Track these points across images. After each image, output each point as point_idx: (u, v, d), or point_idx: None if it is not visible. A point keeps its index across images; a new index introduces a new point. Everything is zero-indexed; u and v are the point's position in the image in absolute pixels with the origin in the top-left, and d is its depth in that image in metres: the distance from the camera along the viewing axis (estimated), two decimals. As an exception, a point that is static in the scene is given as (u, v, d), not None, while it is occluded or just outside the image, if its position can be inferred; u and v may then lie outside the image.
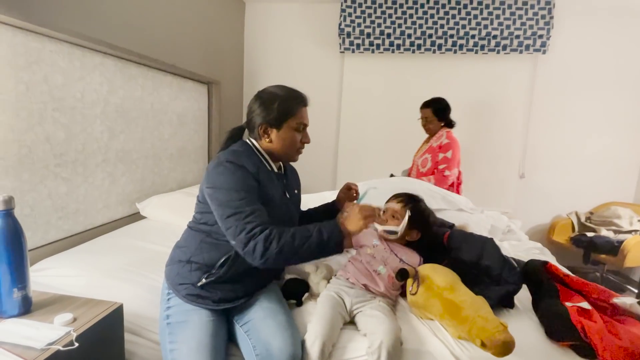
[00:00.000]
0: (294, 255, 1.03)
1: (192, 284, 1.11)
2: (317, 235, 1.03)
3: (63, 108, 1.55)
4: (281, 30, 3.37)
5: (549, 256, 1.82)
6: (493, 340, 0.95)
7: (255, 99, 1.19)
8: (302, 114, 1.19)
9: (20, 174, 1.39)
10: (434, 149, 2.53)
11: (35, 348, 0.81)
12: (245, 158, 1.11)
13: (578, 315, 1.07)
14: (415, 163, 2.67)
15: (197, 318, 1.06)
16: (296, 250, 1.01)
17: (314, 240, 1.03)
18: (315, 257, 1.07)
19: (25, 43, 1.38)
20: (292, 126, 1.16)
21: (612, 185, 3.06)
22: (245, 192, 1.05)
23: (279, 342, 1.01)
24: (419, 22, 3.01)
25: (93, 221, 1.77)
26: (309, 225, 1.06)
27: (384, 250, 1.32)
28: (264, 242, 0.99)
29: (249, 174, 1.08)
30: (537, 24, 2.87)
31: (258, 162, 1.16)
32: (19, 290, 0.95)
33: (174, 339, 1.04)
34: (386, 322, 1.10)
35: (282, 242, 1.00)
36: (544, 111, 3.07)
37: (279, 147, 1.18)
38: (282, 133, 1.16)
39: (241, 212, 1.03)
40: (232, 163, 1.08)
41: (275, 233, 1.00)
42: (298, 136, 1.19)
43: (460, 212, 2.13)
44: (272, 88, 1.20)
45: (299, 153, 1.24)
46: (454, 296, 1.11)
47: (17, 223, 0.95)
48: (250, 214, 1.02)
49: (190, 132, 2.61)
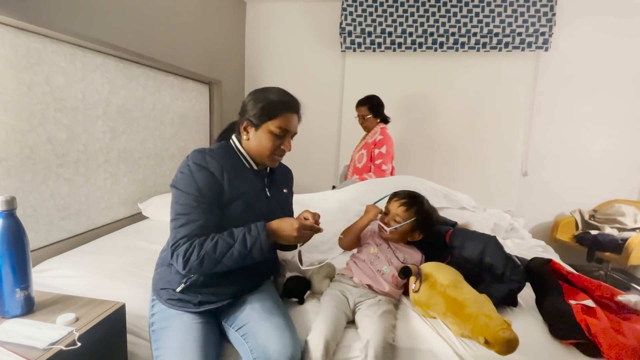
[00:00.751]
0: (216, 265, 1.02)
1: (172, 289, 1.10)
2: (240, 244, 1.02)
3: (65, 109, 1.56)
4: (282, 29, 3.37)
5: (553, 254, 1.81)
6: (497, 338, 0.94)
7: (248, 95, 1.18)
8: (287, 120, 1.14)
9: (22, 174, 1.39)
10: (369, 144, 2.59)
11: (38, 348, 0.81)
12: (211, 157, 1.10)
13: (582, 313, 1.07)
14: (353, 159, 2.71)
15: (179, 322, 1.05)
16: (218, 260, 1.02)
17: (236, 249, 1.02)
18: (240, 264, 1.05)
19: (26, 44, 1.38)
20: (271, 129, 1.13)
21: (616, 183, 3.04)
22: (195, 197, 1.05)
23: (276, 345, 1.00)
24: (420, 20, 3.00)
25: (95, 221, 1.77)
26: (237, 230, 1.05)
27: (387, 250, 1.32)
28: (184, 254, 1.00)
29: (210, 175, 1.07)
30: (539, 21, 2.85)
31: (230, 161, 1.14)
32: (21, 291, 0.95)
33: (158, 345, 1.04)
34: (376, 322, 1.10)
35: (202, 253, 1.00)
36: (547, 109, 3.06)
37: (255, 147, 1.16)
38: (260, 133, 1.14)
39: (178, 219, 1.05)
40: (195, 164, 1.08)
41: (196, 244, 1.01)
42: (276, 141, 1.14)
43: (463, 210, 2.13)
44: (269, 88, 1.19)
45: (274, 159, 1.18)
46: (457, 294, 1.10)
47: (19, 223, 0.95)
48: (184, 224, 1.03)
49: (192, 132, 2.61)
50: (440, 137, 3.23)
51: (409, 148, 3.29)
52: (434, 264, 1.25)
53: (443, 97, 3.17)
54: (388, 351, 1.04)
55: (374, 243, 1.33)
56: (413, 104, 3.23)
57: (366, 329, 1.09)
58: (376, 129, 2.61)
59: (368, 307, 1.18)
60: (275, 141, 1.15)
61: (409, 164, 3.28)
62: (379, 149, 2.55)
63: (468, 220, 1.92)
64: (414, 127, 3.26)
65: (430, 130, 3.24)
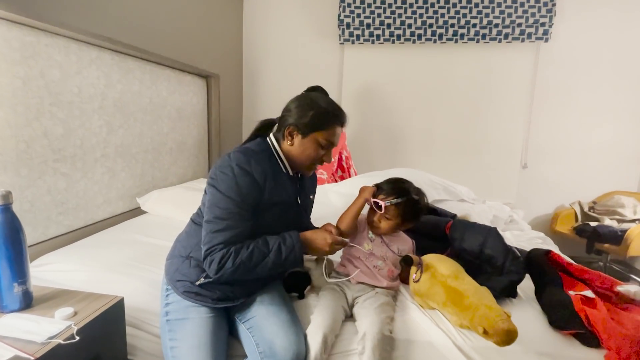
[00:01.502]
0: (250, 273, 1.04)
1: (190, 282, 1.10)
2: (275, 254, 1.04)
3: (60, 103, 1.54)
4: (280, 22, 3.34)
5: (552, 246, 1.81)
6: (496, 328, 0.94)
7: (295, 99, 1.16)
8: (334, 132, 1.14)
9: (18, 169, 1.38)
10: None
11: (36, 342, 0.81)
12: (255, 162, 1.08)
13: (582, 303, 1.06)
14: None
15: (196, 315, 1.06)
16: (252, 269, 1.03)
17: (271, 259, 1.04)
18: (273, 272, 1.08)
19: (20, 37, 1.36)
20: (318, 140, 1.12)
21: (615, 175, 3.04)
22: (236, 203, 1.04)
23: (282, 341, 1.00)
24: (419, 11, 2.97)
25: (93, 216, 1.77)
26: (272, 238, 1.07)
27: (381, 244, 1.28)
28: (219, 261, 1.01)
29: (254, 182, 1.06)
30: (539, 11, 2.82)
31: (272, 165, 1.13)
32: (19, 285, 0.95)
33: (174, 336, 1.04)
34: (372, 315, 1.09)
35: (237, 261, 1.01)
36: (547, 100, 3.04)
37: (297, 154, 1.15)
38: (306, 142, 1.13)
39: (216, 222, 1.04)
40: (240, 168, 1.05)
41: (232, 251, 1.01)
42: (320, 152, 1.15)
43: (462, 202, 2.13)
44: (317, 95, 1.17)
45: (313, 169, 1.20)
46: (458, 284, 1.10)
47: (16, 218, 0.95)
48: (222, 230, 1.02)
49: (190, 126, 2.60)
50: (439, 130, 3.22)
51: (408, 140, 3.28)
52: (435, 255, 1.25)
53: (442, 89, 3.15)
54: (385, 343, 1.04)
55: (368, 239, 1.29)
56: (412, 96, 3.21)
57: (363, 321, 1.09)
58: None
59: (365, 300, 1.18)
60: (320, 152, 1.15)
61: (407, 157, 3.28)
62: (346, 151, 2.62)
63: (467, 212, 1.92)
64: (412, 119, 3.25)
65: (429, 122, 3.22)
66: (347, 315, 1.18)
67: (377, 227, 1.26)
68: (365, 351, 1.02)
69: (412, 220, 1.26)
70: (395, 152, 3.26)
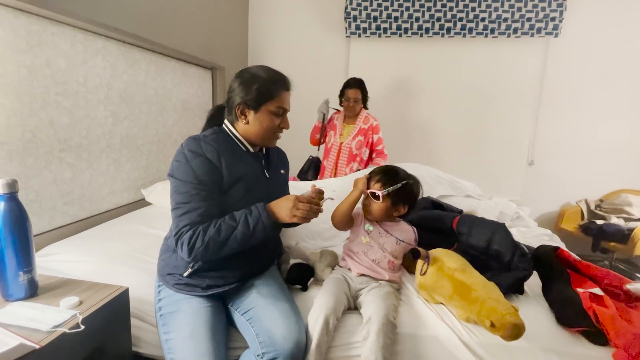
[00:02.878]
0: (222, 248, 1.01)
1: (179, 274, 1.10)
2: (243, 226, 1.01)
3: (66, 92, 1.53)
4: (286, 14, 3.31)
5: (559, 243, 1.80)
6: (503, 322, 0.93)
7: (235, 78, 1.15)
8: (283, 98, 1.13)
9: (24, 158, 1.38)
10: (365, 130, 2.56)
11: (42, 330, 0.81)
12: (206, 143, 1.08)
13: (590, 301, 1.05)
14: (347, 146, 2.58)
15: (188, 306, 1.06)
16: (223, 243, 1.00)
17: (240, 230, 1.01)
18: (245, 245, 1.04)
19: (26, 25, 1.36)
20: (271, 110, 1.12)
21: (622, 173, 3.00)
22: (193, 185, 1.03)
23: (281, 330, 1.01)
24: (427, 5, 2.93)
25: (98, 207, 1.77)
26: (239, 212, 1.04)
27: (378, 235, 1.26)
28: (188, 242, 0.99)
29: (207, 161, 1.05)
30: (550, 6, 2.78)
31: (226, 145, 1.12)
32: (24, 274, 0.95)
33: (168, 329, 1.04)
34: (378, 301, 1.10)
35: (206, 238, 0.99)
36: (555, 97, 3.00)
37: (255, 130, 1.14)
38: (260, 116, 1.12)
39: (179, 207, 1.03)
40: (190, 151, 1.06)
41: (200, 230, 1.00)
42: (276, 120, 1.14)
43: (468, 198, 2.11)
44: (255, 68, 1.16)
45: (276, 138, 1.19)
46: (465, 277, 1.09)
47: (21, 206, 0.94)
48: (185, 213, 1.02)
49: (195, 118, 2.59)
50: (445, 125, 3.19)
51: (414, 135, 3.26)
52: (442, 250, 1.24)
53: (449, 84, 3.12)
54: (389, 329, 1.04)
55: (365, 232, 1.28)
56: (419, 91, 3.18)
57: (369, 306, 1.09)
58: (362, 113, 2.59)
59: (369, 290, 1.18)
60: (276, 121, 1.14)
61: (414, 151, 3.26)
62: (377, 134, 2.58)
63: (474, 208, 1.90)
64: (419, 114, 3.22)
65: (436, 117, 3.20)
66: (350, 306, 1.18)
67: (370, 212, 1.26)
68: (369, 335, 1.02)
69: (406, 203, 1.26)
70: (401, 147, 3.24)
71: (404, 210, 1.27)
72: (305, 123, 2.72)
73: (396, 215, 1.28)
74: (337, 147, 2.62)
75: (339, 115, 2.68)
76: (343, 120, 2.66)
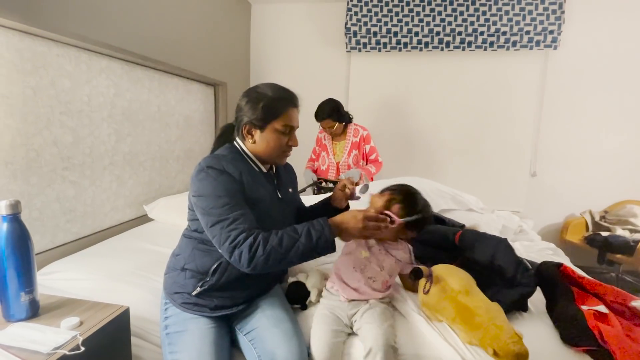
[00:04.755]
0: (282, 260, 0.97)
1: (187, 293, 1.09)
2: (306, 238, 0.97)
3: (70, 112, 1.56)
4: (287, 30, 3.37)
5: (563, 257, 1.77)
6: (506, 351, 0.92)
7: (242, 97, 1.15)
8: (290, 116, 1.12)
9: (28, 177, 1.39)
10: (357, 143, 2.56)
11: (42, 352, 0.81)
12: (226, 162, 1.07)
13: (594, 319, 1.04)
14: (345, 164, 2.58)
15: (195, 327, 1.05)
16: (284, 254, 0.96)
17: (302, 243, 0.97)
18: (305, 259, 1.00)
19: (31, 47, 1.39)
20: (277, 128, 1.11)
21: (627, 183, 2.98)
22: (228, 198, 1.01)
23: (284, 352, 0.99)
24: (426, 19, 2.97)
25: (101, 224, 1.78)
26: (299, 225, 1.01)
27: (379, 252, 1.22)
28: (249, 249, 0.94)
29: (231, 178, 1.05)
30: (548, 19, 2.81)
31: (243, 165, 1.12)
32: (26, 294, 0.95)
33: (174, 348, 1.03)
34: (374, 329, 1.07)
35: (268, 247, 0.95)
36: (556, 108, 3.01)
37: (262, 149, 1.13)
38: (266, 134, 1.11)
39: (224, 219, 0.99)
40: (212, 169, 1.04)
41: (261, 239, 0.96)
42: (283, 139, 1.13)
43: (470, 211, 2.10)
44: (262, 86, 1.16)
45: (285, 156, 1.18)
46: (469, 300, 1.07)
47: (24, 227, 0.95)
48: (233, 221, 0.98)
49: (197, 134, 2.61)
50: (447, 138, 3.20)
51: (415, 149, 3.27)
52: (447, 266, 1.22)
53: (450, 98, 3.14)
54: (390, 355, 1.02)
55: (365, 247, 1.23)
56: (419, 104, 3.20)
57: (367, 336, 1.06)
58: (350, 128, 2.58)
59: (362, 314, 1.14)
60: (283, 139, 1.13)
61: (415, 165, 3.26)
62: (369, 144, 2.58)
63: (476, 222, 1.89)
64: (419, 127, 3.24)
65: (437, 130, 3.21)
66: (349, 333, 1.15)
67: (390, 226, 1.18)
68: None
69: (415, 231, 1.23)
70: (402, 160, 3.24)
71: (411, 236, 1.24)
72: (307, 138, 2.73)
73: (402, 238, 1.26)
74: (335, 166, 2.62)
75: (324, 134, 2.65)
76: (332, 139, 2.64)
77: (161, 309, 1.15)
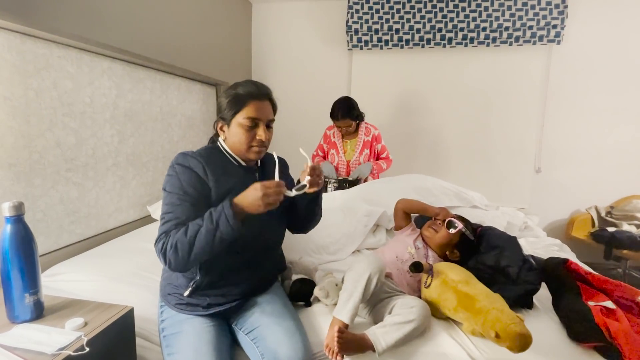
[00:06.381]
0: (190, 249, 0.95)
1: (180, 294, 1.10)
2: (207, 221, 0.96)
3: (73, 113, 1.56)
4: (288, 29, 3.36)
5: (569, 253, 1.76)
6: (508, 332, 0.91)
7: (220, 94, 1.18)
8: (254, 108, 1.10)
9: (31, 179, 1.40)
10: (369, 142, 2.56)
11: (47, 353, 0.81)
12: (193, 159, 1.09)
13: (602, 315, 1.03)
14: (356, 162, 2.54)
15: (190, 327, 1.05)
16: (190, 243, 0.95)
17: (204, 226, 0.95)
18: (213, 244, 0.96)
19: (33, 50, 1.39)
20: (240, 122, 1.10)
21: (633, 178, 2.95)
22: (178, 196, 1.04)
23: (286, 349, 1.00)
24: (428, 16, 2.96)
25: (105, 225, 1.78)
26: (206, 212, 0.99)
27: (422, 256, 1.36)
28: (161, 249, 0.98)
29: (194, 175, 1.07)
30: (551, 13, 2.78)
31: (218, 160, 1.13)
32: (30, 296, 0.95)
33: (171, 350, 1.03)
34: (419, 303, 1.14)
35: (173, 241, 0.96)
36: (560, 103, 2.98)
37: (233, 143, 1.14)
38: (232, 129, 1.12)
39: (162, 218, 1.04)
40: (179, 165, 1.08)
41: (170, 235, 0.98)
42: (249, 133, 1.10)
43: (475, 208, 2.08)
44: (238, 83, 1.16)
45: (254, 152, 1.13)
46: (469, 288, 1.08)
47: (28, 229, 0.95)
48: (165, 222, 1.02)
49: (200, 134, 2.62)
50: (450, 135, 3.18)
51: (418, 146, 3.25)
52: (446, 263, 1.24)
53: (453, 94, 3.12)
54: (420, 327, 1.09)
55: (413, 245, 1.36)
56: (422, 101, 3.19)
57: (410, 302, 1.13)
58: (362, 126, 2.56)
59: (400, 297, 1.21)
60: (248, 133, 1.11)
61: (419, 162, 3.25)
62: (380, 143, 2.58)
63: (481, 219, 1.88)
64: (423, 124, 3.22)
65: (440, 127, 3.19)
66: None
67: (432, 235, 1.39)
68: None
69: (462, 253, 1.37)
70: (406, 157, 3.23)
71: (456, 257, 1.37)
72: (310, 136, 2.73)
73: (448, 255, 1.37)
74: (345, 164, 2.57)
75: (333, 131, 2.61)
76: (342, 137, 2.60)
77: (158, 311, 1.16)
